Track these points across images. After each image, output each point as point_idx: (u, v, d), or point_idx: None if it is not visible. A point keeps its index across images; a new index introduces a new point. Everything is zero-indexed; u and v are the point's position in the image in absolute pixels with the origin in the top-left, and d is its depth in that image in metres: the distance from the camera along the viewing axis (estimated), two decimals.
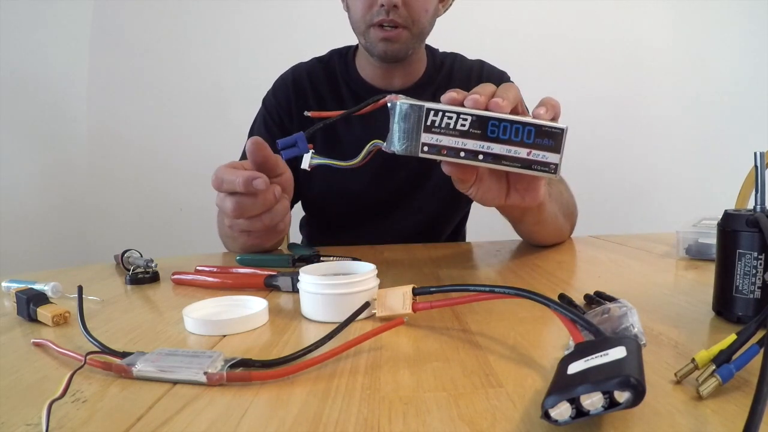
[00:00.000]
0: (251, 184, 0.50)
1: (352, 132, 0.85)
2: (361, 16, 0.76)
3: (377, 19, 0.74)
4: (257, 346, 0.35)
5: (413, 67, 0.87)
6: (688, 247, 0.62)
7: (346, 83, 0.87)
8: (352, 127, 0.85)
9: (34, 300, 0.43)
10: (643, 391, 0.20)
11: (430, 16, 0.78)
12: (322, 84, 0.87)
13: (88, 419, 0.25)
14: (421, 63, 0.88)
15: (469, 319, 0.40)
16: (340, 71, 0.88)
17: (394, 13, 0.73)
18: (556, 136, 0.42)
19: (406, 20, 0.75)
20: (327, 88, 0.87)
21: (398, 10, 0.73)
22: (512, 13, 1.73)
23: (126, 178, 1.75)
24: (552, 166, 0.43)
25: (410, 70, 0.86)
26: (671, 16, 1.77)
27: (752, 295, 0.35)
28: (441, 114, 0.43)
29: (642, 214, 1.79)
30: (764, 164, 0.36)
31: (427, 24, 0.79)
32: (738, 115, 1.80)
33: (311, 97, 0.87)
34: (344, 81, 0.87)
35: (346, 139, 0.85)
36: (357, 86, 0.87)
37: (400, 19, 0.74)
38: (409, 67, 0.86)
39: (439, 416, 0.25)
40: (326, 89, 0.87)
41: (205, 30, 1.71)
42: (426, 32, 0.81)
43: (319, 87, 0.87)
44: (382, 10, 0.73)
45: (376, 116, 0.89)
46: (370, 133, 0.50)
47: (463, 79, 0.90)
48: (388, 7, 0.73)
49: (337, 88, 0.87)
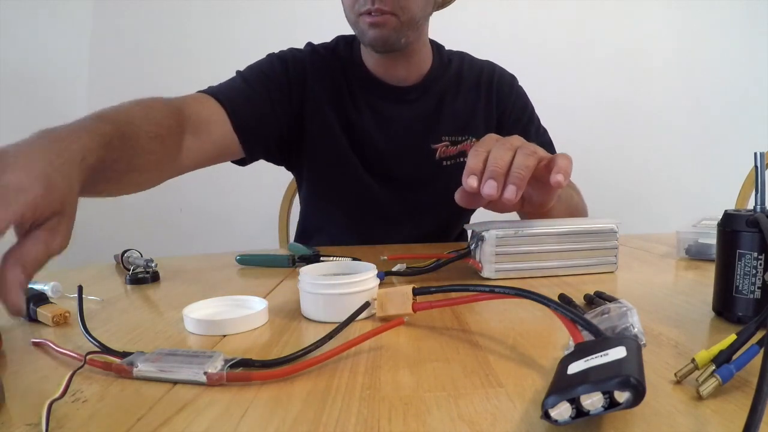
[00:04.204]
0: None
1: (362, 117, 0.84)
2: (350, 7, 0.76)
3: (364, 9, 0.73)
4: (257, 346, 0.35)
5: (416, 59, 0.85)
6: (688, 247, 0.62)
7: (354, 73, 0.86)
8: (362, 113, 0.84)
9: (34, 300, 0.43)
10: (643, 391, 0.20)
11: (421, 2, 0.76)
12: (335, 68, 0.85)
13: (88, 419, 0.25)
14: (426, 57, 0.87)
15: (469, 319, 0.40)
16: (346, 59, 0.86)
17: (380, 2, 0.72)
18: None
19: (393, 7, 0.73)
20: (339, 73, 0.85)
21: None
22: (513, 15, 1.73)
23: None
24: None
25: (413, 62, 0.85)
26: (671, 18, 1.77)
27: (752, 295, 0.35)
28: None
29: (642, 215, 1.79)
30: (764, 164, 0.36)
31: (417, 11, 0.76)
32: (738, 116, 1.80)
33: (327, 77, 0.84)
34: (351, 69, 0.86)
35: (357, 125, 0.85)
36: (365, 78, 0.85)
37: (387, 6, 0.73)
38: (412, 59, 0.84)
39: (439, 416, 0.25)
40: (338, 74, 0.85)
41: (206, 29, 1.71)
42: (417, 20, 0.78)
43: (333, 70, 0.85)
44: (368, 0, 0.73)
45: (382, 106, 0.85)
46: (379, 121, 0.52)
47: (474, 82, 0.89)
48: None
49: (346, 75, 0.86)
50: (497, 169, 0.47)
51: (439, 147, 0.86)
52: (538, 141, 0.83)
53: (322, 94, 0.83)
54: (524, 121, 0.90)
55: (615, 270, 0.55)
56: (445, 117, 0.87)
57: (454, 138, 0.87)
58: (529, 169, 0.47)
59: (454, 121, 0.87)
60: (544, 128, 0.92)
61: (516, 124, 0.89)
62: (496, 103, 0.89)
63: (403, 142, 0.85)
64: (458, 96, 0.88)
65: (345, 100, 0.85)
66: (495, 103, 0.89)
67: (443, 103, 0.87)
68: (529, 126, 0.90)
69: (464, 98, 0.88)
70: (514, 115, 0.90)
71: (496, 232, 0.52)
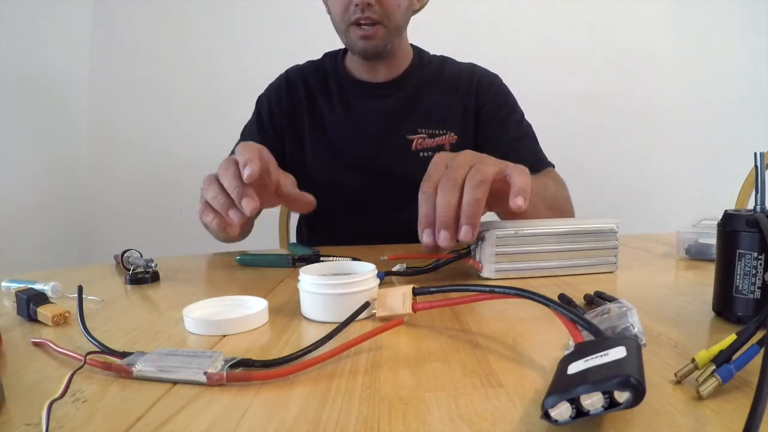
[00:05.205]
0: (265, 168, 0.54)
1: (335, 114, 0.92)
2: (340, 17, 0.82)
3: (354, 18, 0.80)
4: (257, 346, 0.35)
5: (395, 61, 0.91)
6: (688, 247, 0.62)
7: (334, 78, 0.94)
8: (335, 110, 0.92)
9: (34, 300, 0.43)
10: (643, 391, 0.20)
11: (403, 10, 0.84)
12: (311, 79, 0.94)
13: (88, 419, 0.25)
14: (405, 58, 0.93)
15: (469, 319, 0.40)
16: (329, 68, 0.95)
17: (369, 11, 0.79)
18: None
19: (381, 16, 0.80)
20: (316, 83, 0.94)
21: (372, 7, 0.79)
22: (511, 13, 1.73)
23: (126, 178, 1.75)
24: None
25: (392, 63, 0.91)
26: (671, 16, 1.77)
27: (752, 295, 0.35)
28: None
29: (642, 214, 1.79)
30: (764, 164, 0.36)
31: (401, 18, 0.84)
32: (738, 116, 1.80)
33: (302, 91, 0.93)
34: (332, 76, 0.94)
35: (331, 123, 0.92)
36: (343, 80, 0.93)
37: (375, 15, 0.80)
38: (392, 60, 0.91)
39: (439, 416, 0.25)
40: (315, 84, 0.94)
41: (206, 29, 1.71)
42: (401, 26, 0.86)
43: (309, 82, 0.94)
44: (358, 9, 0.79)
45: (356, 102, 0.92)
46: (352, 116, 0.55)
47: (453, 79, 0.94)
48: (363, 5, 0.78)
49: (325, 83, 0.94)
50: (447, 219, 0.47)
51: (416, 138, 0.90)
52: (518, 134, 0.90)
53: (297, 105, 0.93)
54: (501, 116, 0.92)
55: (615, 270, 0.55)
56: (420, 109, 0.91)
57: (431, 131, 0.91)
58: (480, 202, 0.47)
59: (430, 114, 0.91)
60: (527, 122, 0.94)
61: (493, 118, 0.92)
62: (475, 99, 0.93)
63: (376, 134, 0.90)
64: (437, 91, 0.93)
65: (319, 104, 0.93)
66: (474, 99, 0.93)
67: (420, 97, 0.92)
68: (508, 119, 0.92)
69: (442, 93, 0.93)
70: (492, 110, 0.93)
71: (496, 232, 0.52)
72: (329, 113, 0.92)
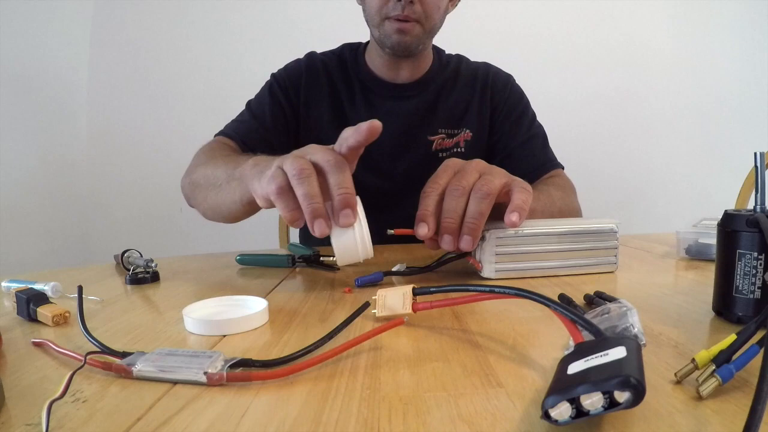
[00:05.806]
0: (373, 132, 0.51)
1: (356, 112, 0.90)
2: (377, 10, 0.80)
3: (393, 14, 0.78)
4: (257, 346, 0.35)
5: (420, 61, 0.90)
6: (688, 247, 0.62)
7: (355, 73, 0.92)
8: (356, 108, 0.90)
9: (34, 300, 0.43)
10: (643, 391, 0.20)
11: (441, 12, 0.83)
12: (334, 71, 0.92)
13: (88, 419, 0.25)
14: (428, 59, 0.92)
15: (469, 319, 0.40)
16: (350, 62, 0.93)
17: (409, 9, 0.77)
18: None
19: (419, 15, 0.79)
20: (339, 75, 0.92)
21: (413, 6, 0.77)
22: (512, 13, 1.73)
23: (126, 178, 1.75)
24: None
25: (417, 64, 0.90)
26: (671, 16, 1.77)
27: (752, 295, 0.35)
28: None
29: (642, 214, 1.79)
30: (764, 164, 0.36)
31: (438, 20, 0.83)
32: (738, 116, 1.80)
33: (324, 80, 0.91)
34: (354, 72, 0.92)
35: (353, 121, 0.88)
36: (365, 77, 0.91)
37: (414, 14, 0.78)
38: (417, 61, 0.90)
39: (439, 416, 0.25)
40: (338, 76, 0.91)
41: (206, 28, 1.71)
42: (437, 28, 0.85)
43: (332, 73, 0.92)
44: (399, 5, 0.77)
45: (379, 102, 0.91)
46: (374, 116, 0.54)
47: (469, 79, 0.94)
48: (405, 2, 0.76)
49: (347, 77, 0.92)
50: (451, 224, 0.49)
51: (436, 139, 0.90)
52: (529, 134, 0.91)
53: (317, 96, 0.90)
54: (515, 116, 0.93)
55: (615, 270, 0.55)
56: (441, 110, 0.91)
57: (450, 131, 0.91)
58: (483, 216, 0.49)
59: (450, 115, 0.91)
60: (538, 123, 0.95)
61: (507, 117, 0.93)
62: (490, 98, 0.93)
63: (399, 135, 0.89)
64: (454, 91, 0.93)
65: (341, 99, 0.90)
66: (489, 98, 0.93)
67: (440, 98, 0.91)
68: (520, 120, 0.93)
69: (460, 93, 0.93)
70: (506, 109, 0.93)
71: (496, 232, 0.52)
72: (351, 110, 0.90)
